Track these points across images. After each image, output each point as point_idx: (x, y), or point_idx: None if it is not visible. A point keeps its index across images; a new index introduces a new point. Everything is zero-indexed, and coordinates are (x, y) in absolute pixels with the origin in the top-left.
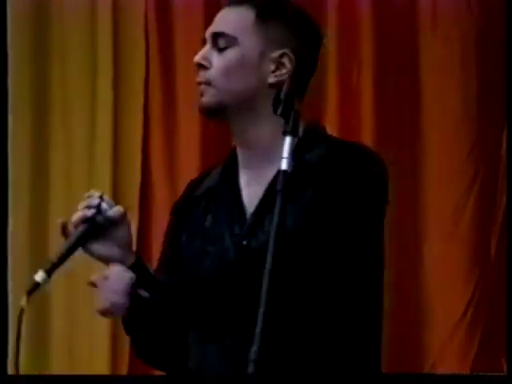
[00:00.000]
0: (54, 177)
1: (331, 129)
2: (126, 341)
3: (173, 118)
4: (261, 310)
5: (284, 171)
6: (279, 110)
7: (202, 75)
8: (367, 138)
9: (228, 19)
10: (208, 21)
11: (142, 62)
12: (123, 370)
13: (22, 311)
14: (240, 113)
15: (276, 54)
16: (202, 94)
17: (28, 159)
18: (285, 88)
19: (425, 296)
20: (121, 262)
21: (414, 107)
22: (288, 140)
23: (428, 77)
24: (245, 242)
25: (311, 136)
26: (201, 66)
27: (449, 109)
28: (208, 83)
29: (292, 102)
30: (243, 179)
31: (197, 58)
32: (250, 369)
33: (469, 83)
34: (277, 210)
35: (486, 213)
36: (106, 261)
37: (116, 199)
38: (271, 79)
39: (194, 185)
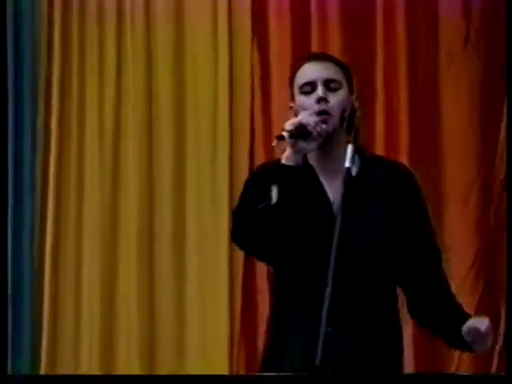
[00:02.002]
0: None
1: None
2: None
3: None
4: (328, 289)
5: (348, 168)
6: (345, 125)
7: (324, 107)
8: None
9: (330, 70)
10: None
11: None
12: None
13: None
14: (337, 134)
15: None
16: (324, 122)
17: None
18: (348, 110)
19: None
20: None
21: (435, 119)
22: (350, 147)
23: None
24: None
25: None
26: (323, 100)
27: (461, 123)
28: (328, 113)
29: (353, 120)
30: (324, 180)
31: (320, 94)
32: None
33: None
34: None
35: (486, 196)
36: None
37: None
38: (355, 109)
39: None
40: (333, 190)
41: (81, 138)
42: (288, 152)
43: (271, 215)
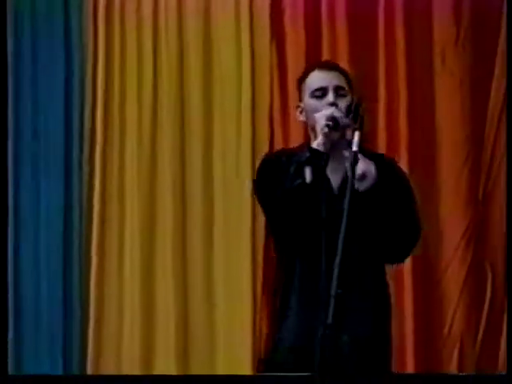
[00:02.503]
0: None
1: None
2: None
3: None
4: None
5: (356, 151)
6: (351, 115)
7: (336, 112)
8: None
9: (339, 79)
10: None
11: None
12: None
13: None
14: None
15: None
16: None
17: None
18: (354, 101)
19: (435, 222)
20: None
21: (431, 107)
22: (357, 133)
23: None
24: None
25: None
26: (334, 104)
27: (453, 110)
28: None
29: (358, 110)
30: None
31: (331, 101)
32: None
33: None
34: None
35: (476, 174)
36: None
37: None
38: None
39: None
40: (333, 173)
41: (122, 131)
42: (321, 140)
43: (305, 191)
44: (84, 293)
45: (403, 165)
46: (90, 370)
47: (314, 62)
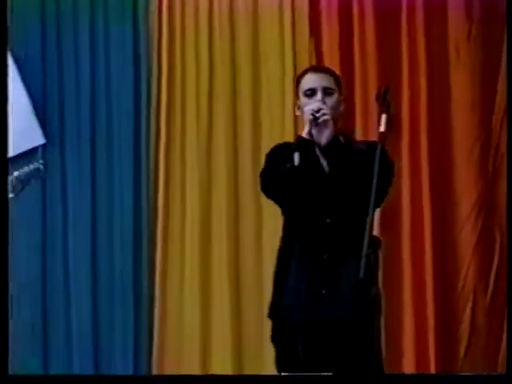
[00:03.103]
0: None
1: None
2: None
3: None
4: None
5: (382, 132)
6: (380, 100)
7: (325, 107)
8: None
9: (327, 80)
10: None
11: None
12: None
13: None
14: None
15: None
16: (324, 115)
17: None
18: (383, 88)
19: (451, 193)
20: None
21: (447, 94)
22: (384, 116)
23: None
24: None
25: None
26: (323, 103)
27: (467, 97)
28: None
29: (386, 96)
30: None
31: (319, 99)
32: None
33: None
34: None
35: (486, 150)
36: None
37: None
38: (342, 108)
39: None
40: (323, 156)
41: (183, 123)
42: (307, 129)
43: (294, 172)
44: (150, 291)
45: (423, 145)
46: (155, 371)
47: (308, 67)
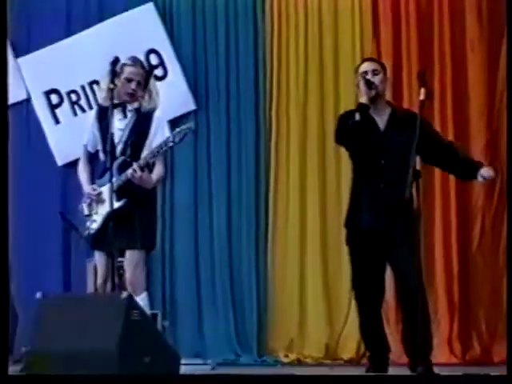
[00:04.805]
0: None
1: None
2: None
3: None
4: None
5: (421, 100)
6: (420, 78)
7: (372, 80)
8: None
9: (375, 65)
10: None
11: None
12: None
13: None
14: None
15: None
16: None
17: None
18: (423, 70)
19: (465, 141)
20: None
21: (464, 79)
22: (423, 89)
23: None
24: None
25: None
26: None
27: (479, 81)
28: (375, 85)
29: (424, 75)
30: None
31: (369, 77)
32: None
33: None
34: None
35: (489, 118)
36: None
37: None
38: (386, 84)
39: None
40: (378, 119)
41: (288, 129)
42: (363, 96)
43: (356, 126)
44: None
45: (449, 113)
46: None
47: (364, 58)
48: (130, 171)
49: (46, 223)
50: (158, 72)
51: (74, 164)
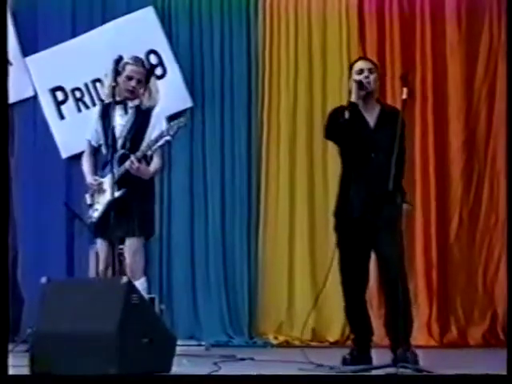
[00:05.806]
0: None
1: None
2: None
3: None
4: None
5: (404, 99)
6: (403, 79)
7: (368, 83)
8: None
9: (369, 64)
10: None
11: None
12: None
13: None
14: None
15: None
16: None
17: None
18: (405, 72)
19: (445, 128)
20: None
21: (444, 79)
22: (405, 89)
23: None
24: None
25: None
26: (367, 77)
27: (456, 80)
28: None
29: (407, 77)
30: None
31: (366, 74)
32: None
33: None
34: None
35: (468, 109)
36: None
37: None
38: (378, 83)
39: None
40: (368, 116)
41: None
42: (354, 95)
43: (345, 123)
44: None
45: (429, 112)
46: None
47: (358, 57)
48: (128, 163)
49: (51, 213)
50: (158, 71)
51: (77, 157)
